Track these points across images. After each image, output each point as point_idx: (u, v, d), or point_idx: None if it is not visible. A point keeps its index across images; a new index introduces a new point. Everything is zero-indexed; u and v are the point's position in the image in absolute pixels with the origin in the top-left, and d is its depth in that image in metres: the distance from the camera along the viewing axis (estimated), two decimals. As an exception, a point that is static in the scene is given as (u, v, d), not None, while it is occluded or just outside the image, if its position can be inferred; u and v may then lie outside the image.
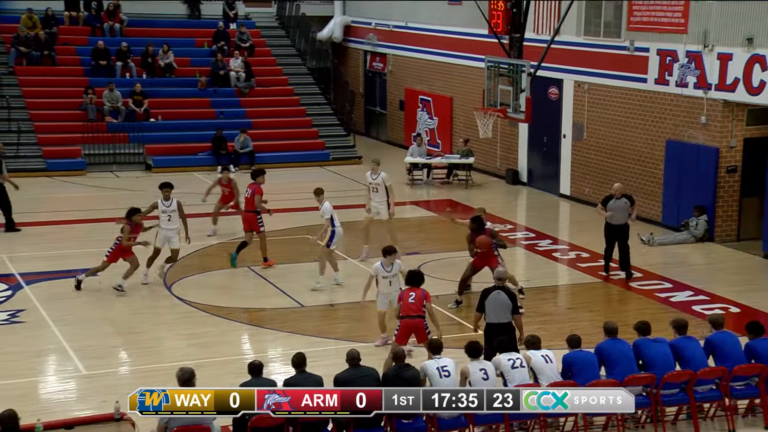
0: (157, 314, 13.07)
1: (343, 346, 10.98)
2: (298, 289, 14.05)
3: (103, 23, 26.29)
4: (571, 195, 20.62)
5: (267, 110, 25.53)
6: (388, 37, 27.17)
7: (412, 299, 10.64)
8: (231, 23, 27.62)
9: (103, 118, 23.63)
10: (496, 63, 18.21)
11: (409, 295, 10.71)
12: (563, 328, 12.19)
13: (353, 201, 19.50)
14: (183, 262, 15.33)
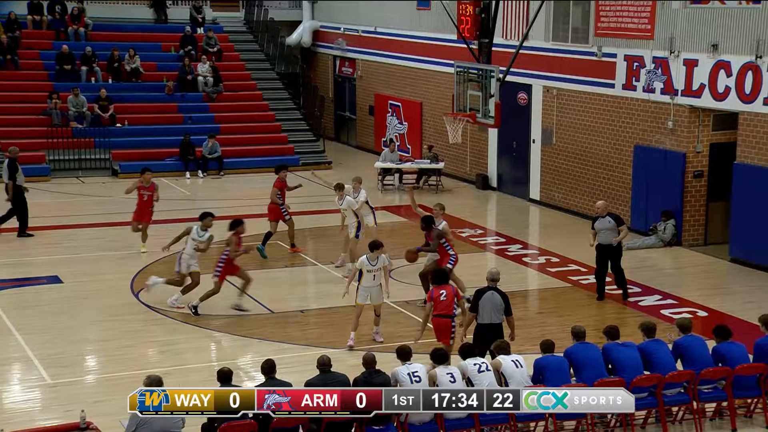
0: (125, 321, 12.97)
1: (313, 353, 10.98)
2: (267, 296, 14.02)
3: (68, 27, 26.06)
4: (540, 200, 20.80)
5: (235, 115, 25.46)
6: (358, 42, 27.23)
7: (444, 297, 10.82)
8: (198, 28, 27.51)
9: (67, 124, 23.42)
10: (465, 68, 18.31)
11: (440, 293, 10.88)
12: (533, 332, 12.29)
13: (323, 207, 19.52)
14: (151, 269, 15.23)
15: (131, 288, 14.32)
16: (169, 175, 22.83)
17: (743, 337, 10.58)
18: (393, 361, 9.25)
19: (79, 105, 23.66)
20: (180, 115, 24.94)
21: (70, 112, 23.53)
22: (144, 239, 16.09)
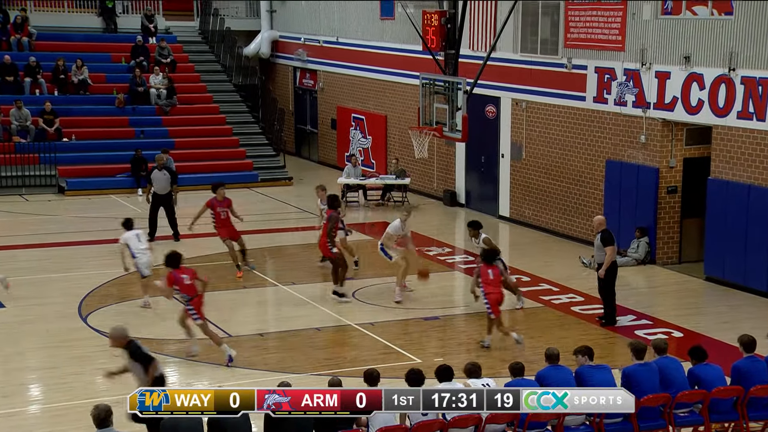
0: (72, 347, 12.76)
1: (273, 378, 10.90)
2: (225, 318, 13.91)
3: (10, 37, 25.79)
4: (510, 217, 20.94)
5: (191, 129, 25.35)
6: (318, 52, 27.29)
7: (491, 275, 12.73)
8: (150, 37, 27.38)
9: (10, 138, 23.11)
10: (431, 80, 18.43)
11: (487, 272, 12.72)
12: (504, 355, 12.33)
13: (283, 224, 19.46)
14: (101, 291, 15.04)
15: (78, 312, 14.11)
16: (119, 192, 22.60)
17: (719, 358, 10.70)
18: (360, 385, 9.22)
19: (22, 118, 23.38)
20: (131, 129, 24.75)
21: (12, 125, 23.23)
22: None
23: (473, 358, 10.85)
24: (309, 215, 21.38)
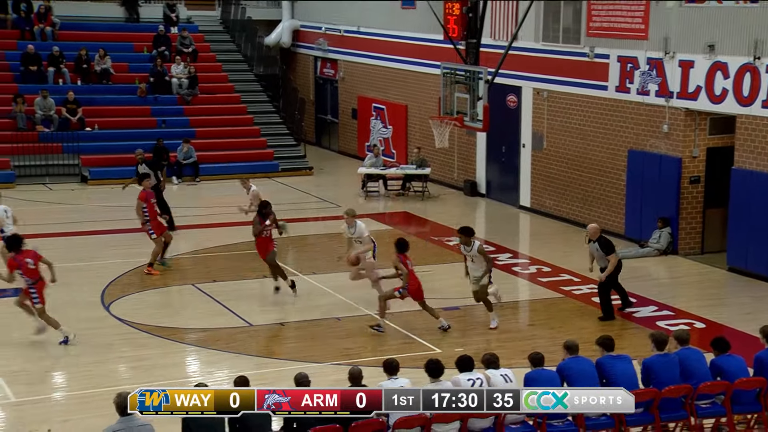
0: (95, 336, 12.87)
1: (292, 367, 10.95)
2: (245, 308, 13.98)
3: (34, 26, 25.93)
4: (531, 207, 20.86)
5: (212, 119, 25.41)
6: (340, 42, 27.25)
7: (410, 264, 12.99)
8: (172, 27, 27.44)
9: (33, 128, 23.28)
10: (452, 70, 18.36)
11: (406, 262, 12.94)
12: (523, 345, 12.30)
13: (304, 214, 19.50)
14: (123, 279, 15.15)
15: (101, 300, 14.22)
16: (141, 182, 22.70)
17: (742, 349, 10.63)
18: (379, 375, 9.25)
19: (47, 108, 23.54)
20: (153, 119, 24.86)
21: (37, 115, 23.39)
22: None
23: (493, 349, 10.86)
24: (329, 205, 21.44)
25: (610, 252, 13.59)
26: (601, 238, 13.66)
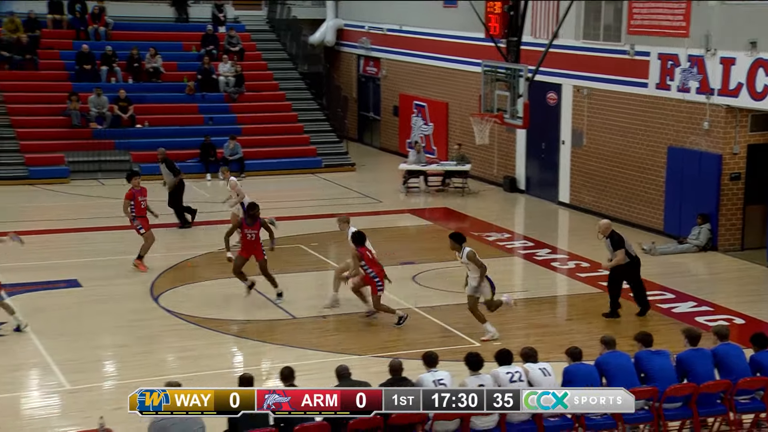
0: (144, 327, 13.01)
1: (334, 359, 10.95)
2: (288, 300, 14.02)
3: (88, 26, 26.27)
4: (570, 203, 20.65)
5: (257, 116, 25.54)
6: (382, 40, 27.22)
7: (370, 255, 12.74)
8: (220, 26, 27.63)
9: (87, 125, 23.60)
10: (492, 67, 18.24)
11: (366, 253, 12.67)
12: (561, 340, 12.18)
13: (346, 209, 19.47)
14: (171, 273, 15.29)
15: (150, 293, 14.37)
16: (188, 177, 22.83)
17: (782, 346, 10.40)
18: (419, 368, 9.22)
19: (100, 105, 23.84)
20: (201, 116, 25.06)
21: (91, 112, 23.70)
22: None
23: (531, 343, 10.75)
24: (371, 200, 21.45)
25: (617, 248, 13.23)
26: (612, 234, 13.36)
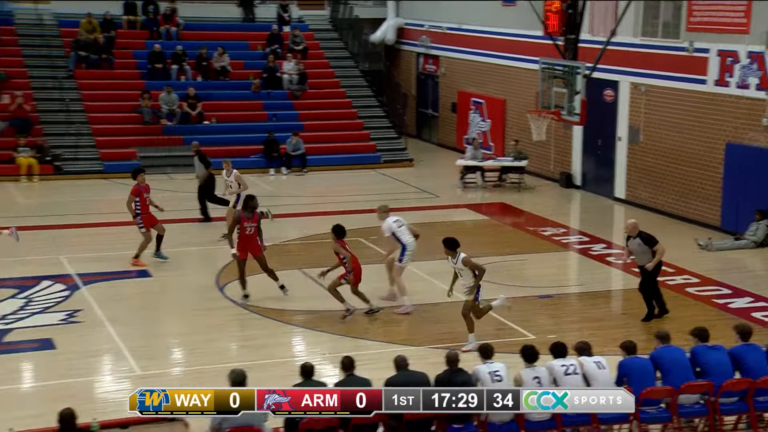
0: (210, 316, 13.21)
1: (391, 350, 10.99)
2: (347, 292, 14.07)
3: (160, 27, 26.72)
4: (626, 199, 20.34)
5: (319, 113, 25.69)
6: (442, 39, 27.14)
7: None
8: (285, 26, 27.86)
9: (158, 121, 24.03)
10: (550, 65, 18.07)
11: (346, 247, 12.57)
12: (615, 333, 12.02)
13: (404, 204, 19.54)
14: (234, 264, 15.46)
15: (216, 283, 14.58)
16: (253, 172, 23.19)
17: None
18: (474, 359, 9.20)
19: (170, 102, 24.25)
20: (265, 113, 25.31)
21: (162, 109, 24.12)
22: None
23: (586, 337, 10.62)
24: (428, 195, 21.43)
25: (654, 244, 12.66)
26: (641, 233, 12.79)
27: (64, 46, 25.40)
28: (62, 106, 23.85)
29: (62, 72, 24.73)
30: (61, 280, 14.42)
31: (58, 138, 23.17)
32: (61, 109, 23.81)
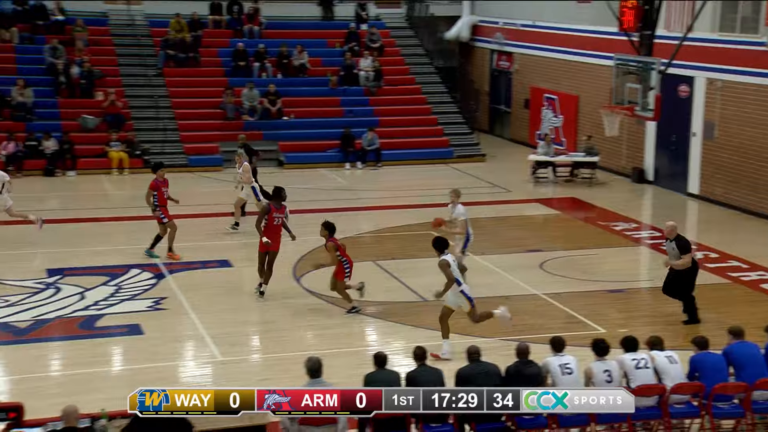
0: (287, 305, 13.37)
1: (463, 341, 10.94)
2: (420, 284, 14.09)
3: (244, 26, 27.12)
4: (699, 194, 19.80)
5: (394, 108, 25.71)
6: (515, 36, 26.85)
7: None
8: (362, 24, 27.95)
9: (240, 117, 24.41)
10: (625, 61, 17.70)
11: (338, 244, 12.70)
12: (688, 329, 11.74)
13: (476, 198, 19.42)
14: (312, 255, 15.64)
15: (293, 274, 14.74)
16: (329, 166, 23.40)
17: None
18: (544, 351, 9.10)
19: (252, 99, 24.62)
20: (342, 109, 25.46)
21: (244, 105, 24.50)
22: None
23: (657, 331, 10.40)
24: (499, 189, 21.25)
25: (685, 252, 12.08)
26: (678, 237, 12.21)
27: (154, 45, 26.00)
28: (151, 103, 24.44)
29: (152, 70, 25.33)
30: (148, 269, 14.78)
31: (147, 133, 23.76)
32: (150, 106, 24.40)
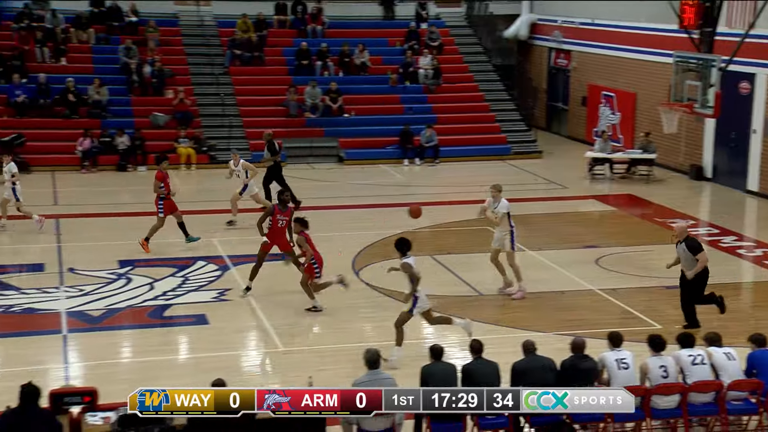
0: (346, 298, 13.41)
1: (518, 335, 10.84)
2: (476, 278, 14.00)
3: (307, 26, 27.28)
4: (759, 191, 19.24)
5: (452, 106, 25.57)
6: (573, 33, 26.46)
7: None
8: (422, 23, 27.87)
9: (302, 114, 24.58)
10: (684, 58, 17.30)
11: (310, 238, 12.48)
12: (746, 326, 11.42)
13: (532, 194, 19.23)
14: (370, 249, 15.65)
15: (352, 267, 14.78)
16: (388, 162, 23.40)
17: None
18: (600, 346, 8.96)
19: (314, 96, 24.76)
20: (401, 106, 25.42)
21: (306, 102, 24.66)
22: None
23: (715, 328, 10.15)
24: (556, 186, 20.98)
25: (697, 252, 11.45)
26: (688, 238, 11.64)
27: (222, 45, 26.34)
28: (218, 101, 24.77)
29: (219, 69, 25.67)
30: (213, 261, 14.98)
31: (214, 130, 24.10)
32: (217, 103, 24.73)
